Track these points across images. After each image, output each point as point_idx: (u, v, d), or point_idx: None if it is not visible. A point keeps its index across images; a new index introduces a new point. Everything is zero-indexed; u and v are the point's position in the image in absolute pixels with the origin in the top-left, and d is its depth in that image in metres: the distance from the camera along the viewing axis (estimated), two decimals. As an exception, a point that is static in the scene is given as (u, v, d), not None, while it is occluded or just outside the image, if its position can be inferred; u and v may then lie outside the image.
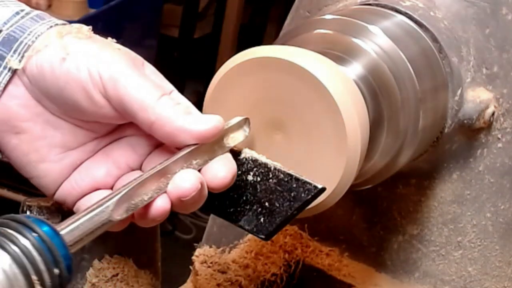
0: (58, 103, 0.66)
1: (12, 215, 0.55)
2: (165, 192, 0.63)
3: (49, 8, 2.51)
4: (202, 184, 0.63)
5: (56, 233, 0.55)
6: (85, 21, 0.68)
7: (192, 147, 0.64)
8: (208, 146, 0.65)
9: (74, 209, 0.69)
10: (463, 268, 0.90)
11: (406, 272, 0.93)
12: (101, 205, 0.60)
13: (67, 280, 0.54)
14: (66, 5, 2.50)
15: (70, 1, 2.53)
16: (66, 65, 0.65)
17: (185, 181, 0.62)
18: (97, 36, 0.68)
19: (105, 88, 0.64)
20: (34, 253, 0.52)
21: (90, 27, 0.67)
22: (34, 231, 0.53)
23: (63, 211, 0.78)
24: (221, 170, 0.64)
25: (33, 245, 0.52)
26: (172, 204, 0.63)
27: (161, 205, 0.63)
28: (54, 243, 0.54)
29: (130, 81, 0.64)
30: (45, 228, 0.54)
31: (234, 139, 0.68)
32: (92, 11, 2.57)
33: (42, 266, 0.52)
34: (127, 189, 0.61)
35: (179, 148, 0.65)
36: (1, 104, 0.66)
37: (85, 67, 0.65)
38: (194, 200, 0.63)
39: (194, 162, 0.64)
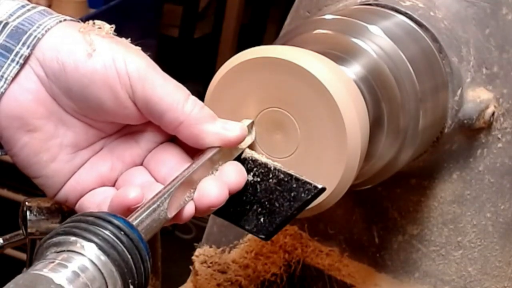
0: (78, 101, 0.65)
1: (86, 212, 0.55)
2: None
3: (48, 8, 2.51)
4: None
5: (132, 225, 0.55)
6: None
7: (215, 150, 0.65)
8: (228, 149, 0.67)
9: (77, 206, 0.68)
10: (463, 268, 0.90)
11: (406, 272, 0.93)
12: (156, 202, 0.60)
13: (149, 271, 0.55)
14: (66, 5, 2.50)
15: (70, 1, 2.53)
16: (91, 62, 0.63)
17: (214, 191, 0.64)
18: (118, 37, 0.67)
19: (133, 88, 0.64)
20: (119, 243, 0.53)
21: (113, 26, 0.66)
22: (113, 224, 0.54)
23: (63, 211, 0.78)
24: (234, 176, 0.66)
25: (115, 235, 0.53)
26: (199, 211, 0.65)
27: (191, 209, 0.64)
28: (134, 233, 0.54)
29: (158, 81, 0.64)
30: (122, 221, 0.55)
31: (245, 142, 0.69)
32: (92, 11, 2.57)
33: (128, 256, 0.53)
34: (174, 187, 0.62)
35: (199, 149, 0.66)
36: (14, 99, 0.64)
37: (112, 66, 0.64)
38: (220, 206, 0.64)
39: (217, 166, 0.66)
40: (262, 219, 0.67)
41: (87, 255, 0.52)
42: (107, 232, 0.53)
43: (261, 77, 0.69)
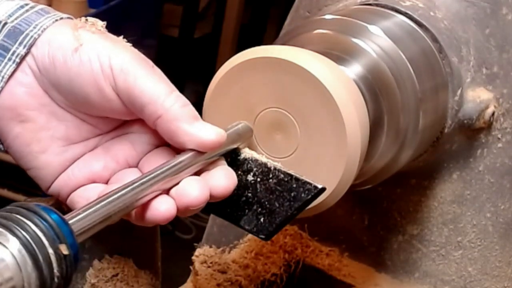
0: (67, 94, 0.66)
1: (22, 202, 0.55)
2: (167, 194, 0.64)
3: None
4: (209, 192, 0.64)
5: (64, 221, 0.55)
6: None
7: (191, 153, 0.65)
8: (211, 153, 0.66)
9: (68, 201, 0.69)
10: (463, 268, 0.90)
11: (406, 272, 0.93)
12: (106, 198, 0.60)
13: (73, 268, 0.55)
14: (66, 5, 2.50)
15: (70, 1, 2.54)
16: (78, 56, 0.65)
17: (194, 191, 0.63)
18: (110, 34, 0.68)
19: (115, 81, 0.65)
20: (43, 239, 0.53)
21: (105, 22, 0.68)
22: (43, 218, 0.54)
23: (63, 210, 0.78)
24: (222, 180, 0.65)
25: (42, 231, 0.53)
26: (178, 210, 0.64)
27: (166, 210, 0.63)
28: (62, 231, 0.54)
29: (140, 74, 0.65)
30: (54, 216, 0.54)
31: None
32: (92, 11, 2.57)
33: (50, 252, 0.53)
34: (132, 186, 0.61)
35: (178, 148, 0.66)
36: (7, 92, 0.66)
37: (96, 59, 0.65)
38: (199, 207, 0.64)
39: (195, 165, 0.65)
40: (262, 219, 0.67)
41: (9, 247, 0.52)
42: (33, 228, 0.53)
43: (261, 77, 0.69)
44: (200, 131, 0.65)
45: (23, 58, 0.66)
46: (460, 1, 0.85)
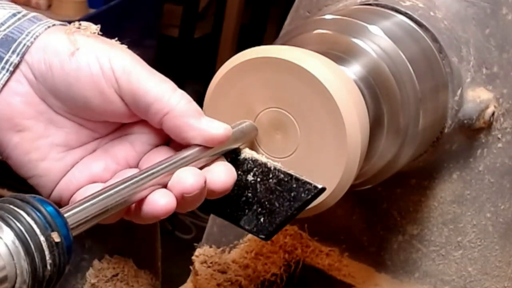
0: (66, 100, 0.66)
1: (18, 194, 0.56)
2: (165, 188, 0.64)
3: (49, 8, 2.51)
4: (205, 182, 0.64)
5: (59, 213, 0.55)
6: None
7: (198, 148, 0.65)
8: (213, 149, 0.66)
9: (70, 203, 0.69)
10: (463, 268, 0.90)
11: (406, 272, 0.93)
12: (104, 192, 0.60)
13: (66, 261, 0.55)
14: (66, 5, 2.50)
15: (70, 1, 2.53)
16: (76, 61, 0.65)
17: (189, 178, 0.63)
18: (103, 37, 0.68)
19: (118, 82, 0.65)
20: (34, 227, 0.53)
21: (99, 26, 0.67)
22: (37, 209, 0.54)
23: (63, 211, 0.78)
24: (222, 175, 0.65)
25: (33, 219, 0.53)
26: (176, 201, 0.64)
27: (166, 203, 0.63)
28: (56, 223, 0.54)
29: (143, 75, 0.65)
30: (49, 208, 0.55)
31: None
32: (92, 11, 2.57)
33: (42, 240, 0.53)
34: (131, 181, 0.61)
35: (183, 145, 0.66)
36: (3, 102, 0.65)
37: (96, 62, 0.65)
38: (195, 198, 0.64)
39: (197, 161, 0.65)
40: (262, 219, 0.67)
41: (3, 238, 0.53)
42: (28, 219, 0.53)
43: (261, 77, 0.69)
44: (207, 125, 0.65)
45: (16, 66, 0.65)
46: (460, 1, 0.85)
